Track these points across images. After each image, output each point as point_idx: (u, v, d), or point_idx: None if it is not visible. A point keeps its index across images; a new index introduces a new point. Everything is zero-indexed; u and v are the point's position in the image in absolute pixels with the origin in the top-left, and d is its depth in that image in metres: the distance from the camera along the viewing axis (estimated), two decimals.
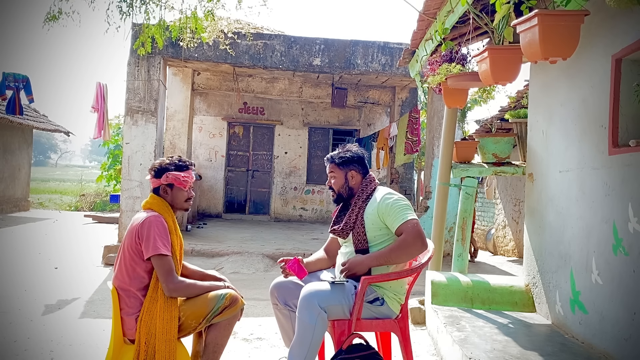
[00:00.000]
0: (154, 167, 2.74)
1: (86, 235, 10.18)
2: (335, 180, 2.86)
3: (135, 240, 2.54)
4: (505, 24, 2.61)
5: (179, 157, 2.79)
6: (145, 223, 2.54)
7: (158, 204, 2.68)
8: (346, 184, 2.84)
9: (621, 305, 2.56)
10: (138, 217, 2.63)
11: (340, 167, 2.84)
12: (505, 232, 9.23)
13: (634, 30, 2.52)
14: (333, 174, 2.87)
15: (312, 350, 2.48)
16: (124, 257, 2.58)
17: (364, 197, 2.79)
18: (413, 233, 2.57)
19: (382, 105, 12.30)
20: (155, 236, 2.51)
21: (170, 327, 2.49)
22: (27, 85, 10.11)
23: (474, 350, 2.70)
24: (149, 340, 2.47)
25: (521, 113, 4.55)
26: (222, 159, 12.27)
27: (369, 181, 2.85)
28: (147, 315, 2.49)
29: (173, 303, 2.53)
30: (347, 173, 2.84)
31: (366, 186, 2.83)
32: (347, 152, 2.87)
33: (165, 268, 2.51)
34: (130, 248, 2.55)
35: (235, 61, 8.11)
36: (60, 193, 22.29)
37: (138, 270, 2.55)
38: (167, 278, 2.51)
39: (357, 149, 2.92)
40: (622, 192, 2.58)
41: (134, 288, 2.55)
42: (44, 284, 5.57)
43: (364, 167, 2.88)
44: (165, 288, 2.52)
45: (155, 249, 2.50)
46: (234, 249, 7.58)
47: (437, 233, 4.39)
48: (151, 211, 2.64)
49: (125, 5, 4.94)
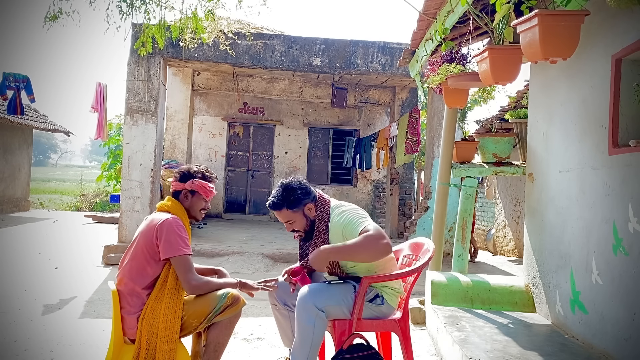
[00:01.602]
0: (181, 171, 2.77)
1: (86, 235, 10.18)
2: (295, 222, 2.69)
3: (153, 240, 2.55)
4: (505, 24, 2.61)
5: (206, 168, 2.84)
6: (165, 224, 2.56)
7: (176, 208, 2.71)
8: (307, 220, 2.69)
9: (621, 305, 2.56)
10: (155, 217, 2.64)
11: (295, 210, 2.65)
12: (505, 232, 9.23)
13: (634, 30, 2.52)
14: (290, 220, 2.68)
15: (313, 350, 2.49)
16: (136, 255, 2.59)
17: (324, 225, 2.65)
18: (375, 233, 2.45)
19: (382, 105, 12.30)
20: (177, 237, 2.55)
21: (173, 327, 2.50)
22: (28, 85, 10.11)
23: (474, 350, 2.70)
24: (150, 339, 2.47)
25: (521, 113, 4.56)
26: (222, 159, 12.27)
27: (321, 204, 2.70)
28: (149, 314, 2.50)
29: (178, 303, 2.54)
30: (303, 211, 2.67)
31: (321, 211, 2.68)
32: (291, 193, 2.65)
33: (187, 267, 2.55)
34: (145, 247, 2.57)
35: (235, 61, 8.11)
36: (60, 193, 22.30)
37: (148, 269, 2.57)
38: (188, 276, 2.55)
39: (294, 180, 2.71)
40: (622, 192, 2.58)
41: (139, 286, 2.56)
42: (44, 284, 5.57)
43: (310, 193, 2.70)
44: (187, 286, 2.55)
45: (178, 249, 2.54)
46: (234, 249, 7.58)
47: (437, 233, 4.39)
48: (168, 213, 2.66)
49: (126, 5, 4.93)
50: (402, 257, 3.07)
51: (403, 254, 3.07)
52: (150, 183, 7.73)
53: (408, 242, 3.07)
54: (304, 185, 2.70)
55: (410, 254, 3.01)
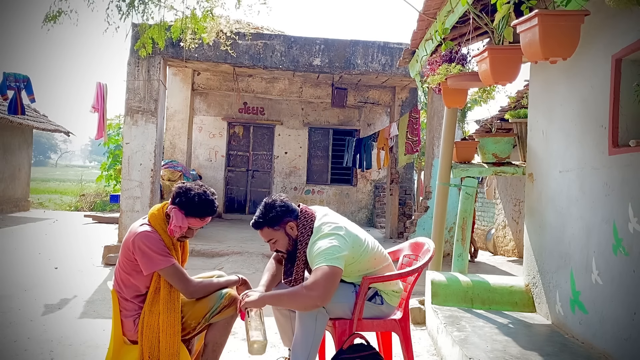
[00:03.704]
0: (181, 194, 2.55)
1: (86, 235, 10.18)
2: (278, 241, 2.62)
3: (130, 254, 2.51)
4: (505, 24, 2.61)
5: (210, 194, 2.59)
6: (136, 240, 2.47)
7: (159, 221, 2.58)
8: (290, 239, 2.62)
9: (621, 305, 2.56)
10: (132, 229, 2.57)
11: (276, 228, 2.59)
12: (505, 232, 9.23)
13: (634, 30, 2.52)
14: (272, 239, 2.62)
15: (314, 347, 2.50)
16: (120, 266, 2.58)
17: (306, 245, 2.58)
18: (314, 281, 2.36)
19: (382, 105, 12.30)
20: (151, 252, 2.46)
21: (174, 341, 2.48)
22: (28, 85, 10.11)
23: (474, 350, 2.70)
24: (152, 353, 2.47)
25: (521, 113, 4.55)
26: (222, 159, 12.27)
27: (303, 223, 2.62)
28: (147, 329, 2.48)
29: (176, 317, 2.50)
30: (284, 229, 2.61)
31: (303, 231, 2.60)
32: (271, 209, 2.59)
33: (178, 275, 2.50)
34: (125, 260, 2.54)
35: (235, 61, 8.10)
36: (60, 193, 22.28)
37: (132, 280, 2.55)
38: (184, 284, 2.50)
39: (274, 197, 2.67)
40: (622, 192, 2.58)
41: (129, 296, 2.56)
42: (44, 284, 5.56)
43: (292, 210, 2.64)
44: (185, 292, 2.51)
45: (158, 263, 2.46)
46: (234, 249, 7.57)
47: (437, 233, 4.38)
48: (146, 225, 2.56)
49: (125, 5, 4.94)
50: (403, 257, 3.07)
51: (403, 254, 3.07)
52: (150, 183, 7.73)
53: (408, 242, 3.08)
54: (284, 202, 2.64)
55: (410, 253, 3.02)
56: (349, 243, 2.52)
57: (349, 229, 2.61)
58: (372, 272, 2.66)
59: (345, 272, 2.57)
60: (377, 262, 2.68)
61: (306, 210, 2.67)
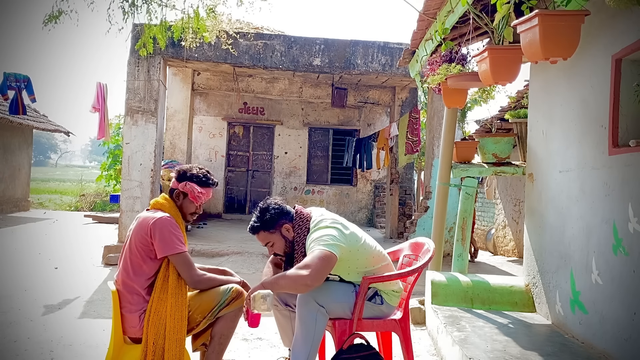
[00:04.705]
0: (181, 170, 2.76)
1: (86, 235, 10.18)
2: (275, 244, 2.66)
3: (147, 239, 2.55)
4: (505, 24, 2.61)
5: (207, 171, 2.78)
6: (157, 223, 2.56)
7: (169, 207, 2.71)
8: (286, 241, 2.65)
9: (621, 305, 2.56)
10: (148, 215, 2.63)
11: (272, 231, 2.64)
12: (505, 232, 9.23)
13: (634, 30, 2.52)
14: (269, 242, 2.66)
15: (314, 346, 2.50)
16: (130, 254, 2.59)
17: (303, 246, 2.60)
18: (305, 261, 2.39)
19: (382, 105, 12.30)
20: (171, 236, 2.55)
21: (181, 326, 2.52)
22: (29, 85, 10.11)
23: (474, 350, 2.70)
24: (157, 340, 2.48)
25: (521, 113, 4.56)
26: (222, 159, 12.27)
27: (299, 224, 2.64)
28: (154, 315, 2.50)
29: (183, 302, 2.55)
30: (280, 231, 2.65)
31: (299, 232, 2.63)
32: (265, 213, 2.64)
33: (187, 263, 2.58)
34: (140, 245, 2.57)
35: (235, 61, 8.10)
36: (60, 193, 22.28)
37: (144, 267, 2.57)
38: (190, 272, 2.58)
39: (268, 201, 2.71)
40: (622, 192, 2.59)
41: (138, 285, 2.56)
42: (44, 284, 5.56)
43: (287, 212, 2.67)
44: (190, 281, 2.58)
45: (174, 248, 2.55)
46: (234, 249, 7.58)
47: (437, 233, 4.39)
48: (161, 212, 2.66)
49: (128, 5, 4.94)
50: (403, 257, 3.07)
51: (403, 254, 3.07)
52: (150, 183, 7.73)
53: (408, 242, 3.08)
54: (278, 204, 2.68)
55: (410, 253, 3.02)
56: (346, 235, 2.57)
57: (346, 224, 2.66)
58: (371, 271, 2.66)
59: (344, 269, 2.58)
60: (375, 261, 2.68)
61: (301, 211, 2.70)
